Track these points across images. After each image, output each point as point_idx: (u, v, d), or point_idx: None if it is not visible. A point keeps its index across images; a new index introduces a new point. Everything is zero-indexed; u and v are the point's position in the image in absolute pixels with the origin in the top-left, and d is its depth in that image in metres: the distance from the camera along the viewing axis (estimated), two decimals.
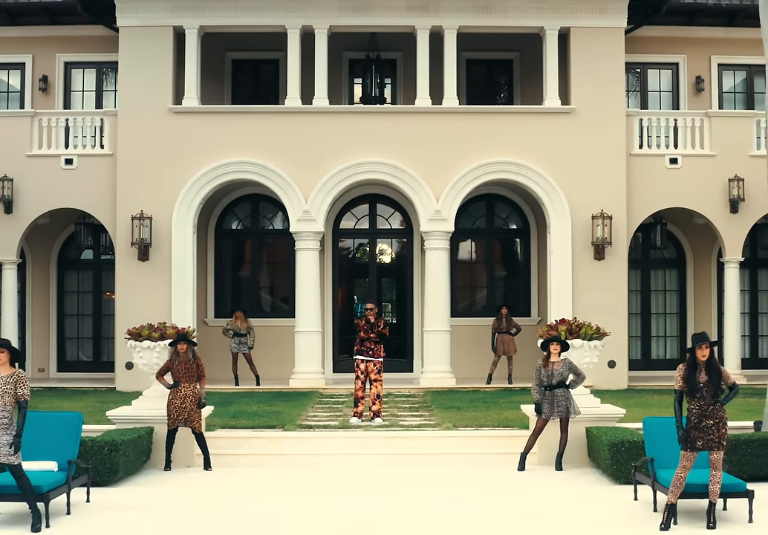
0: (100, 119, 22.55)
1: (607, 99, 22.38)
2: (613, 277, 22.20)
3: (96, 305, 24.88)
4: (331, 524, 10.37)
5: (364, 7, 22.27)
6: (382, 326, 16.27)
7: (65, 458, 11.08)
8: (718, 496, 10.11)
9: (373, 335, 16.15)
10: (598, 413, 14.26)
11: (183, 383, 13.85)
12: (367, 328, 16.23)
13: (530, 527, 10.22)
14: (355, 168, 22.10)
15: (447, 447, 14.64)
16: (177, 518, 10.73)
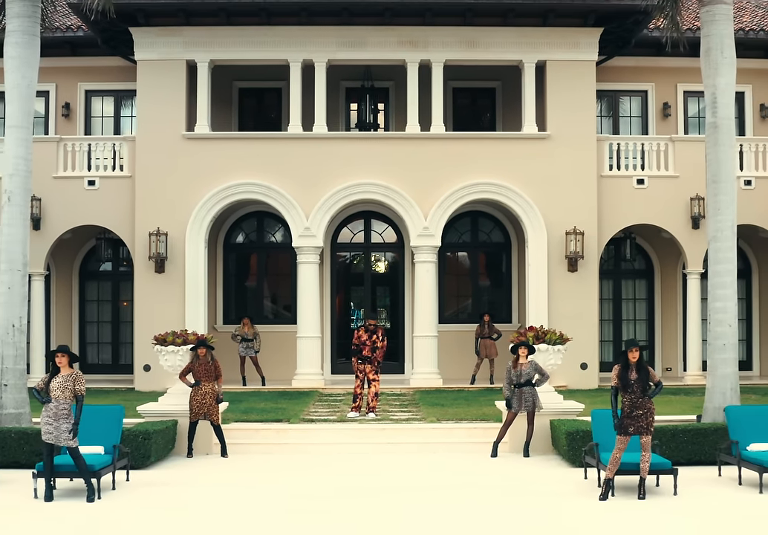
0: (119, 144, 24.81)
1: (580, 125, 24.68)
2: (585, 287, 24.49)
3: (114, 312, 27.13)
4: (323, 494, 12.64)
5: (359, 43, 24.57)
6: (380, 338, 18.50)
7: (110, 443, 13.38)
8: (647, 473, 12.41)
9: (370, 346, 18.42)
10: (561, 407, 16.56)
11: (203, 381, 16.13)
12: (366, 337, 18.49)
13: (495, 497, 12.51)
14: (352, 189, 24.39)
15: (431, 437, 16.93)
16: (201, 491, 13.03)
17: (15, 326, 15.87)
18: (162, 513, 11.64)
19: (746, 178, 24.96)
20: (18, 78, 16.09)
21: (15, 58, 16.10)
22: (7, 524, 11.07)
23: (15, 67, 16.10)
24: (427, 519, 11.17)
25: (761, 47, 27.16)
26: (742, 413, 14.11)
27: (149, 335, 23.03)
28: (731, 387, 15.93)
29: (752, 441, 13.37)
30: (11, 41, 16.14)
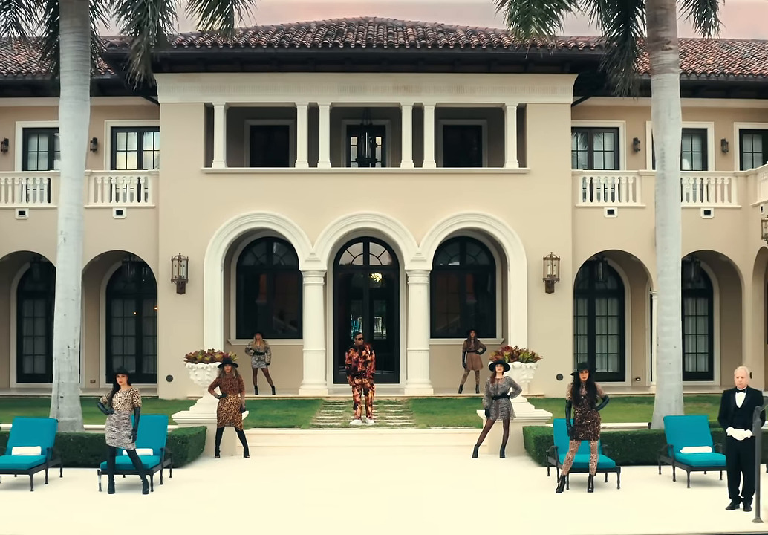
0: (144, 178, 27.72)
1: (557, 161, 27.62)
2: (560, 306, 27.45)
3: (138, 327, 30.04)
4: (332, 488, 15.56)
5: (359, 88, 27.53)
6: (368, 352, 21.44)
7: (158, 446, 16.29)
8: (595, 471, 15.34)
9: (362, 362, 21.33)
10: (532, 416, 19.49)
11: (229, 394, 19.04)
12: (356, 355, 21.42)
13: (472, 489, 15.44)
14: (352, 218, 27.34)
15: (422, 441, 19.85)
16: (231, 486, 15.94)
17: (69, 347, 18.75)
18: (203, 503, 14.54)
19: (706, 208, 27.88)
20: (72, 137, 18.97)
21: (69, 119, 18.98)
22: (82, 511, 13.97)
23: (69, 127, 18.98)
24: (413, 505, 14.10)
25: (722, 88, 30.02)
26: (678, 422, 17.03)
27: (172, 349, 26.26)
28: (675, 399, 18.82)
29: (685, 445, 16.27)
30: (66, 105, 19.02)
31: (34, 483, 15.56)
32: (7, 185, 27.80)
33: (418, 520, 13.28)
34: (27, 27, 21.27)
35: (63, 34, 18.93)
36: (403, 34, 28.41)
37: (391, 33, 28.47)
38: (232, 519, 13.42)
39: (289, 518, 13.49)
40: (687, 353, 30.55)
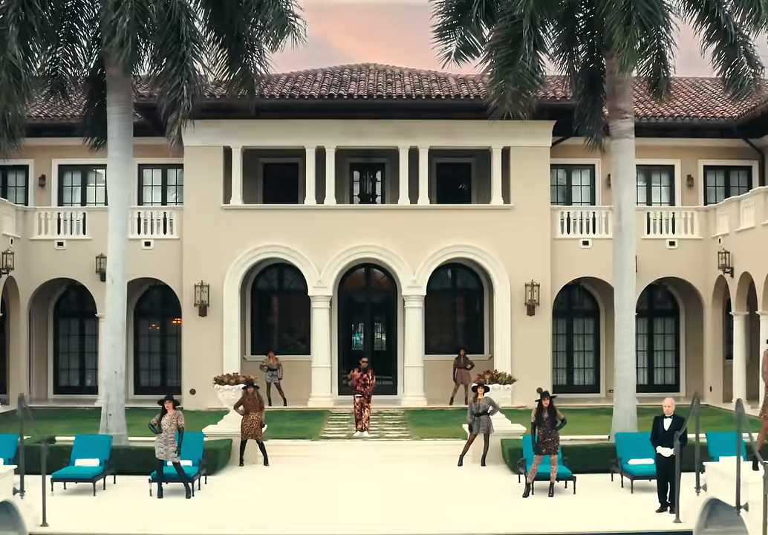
0: (170, 213, 31.15)
1: (537, 198, 31.03)
2: (540, 327, 30.87)
3: (163, 344, 33.47)
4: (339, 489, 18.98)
5: (361, 133, 30.92)
6: (370, 376, 24.83)
7: (197, 458, 19.69)
8: (555, 479, 18.75)
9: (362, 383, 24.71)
10: (508, 430, 22.87)
11: (251, 411, 22.45)
12: (359, 375, 24.81)
13: (453, 492, 18.86)
14: (355, 249, 30.77)
15: (415, 451, 23.26)
16: (257, 488, 19.38)
17: (116, 372, 22.17)
18: (236, 503, 17.99)
19: (671, 239, 31.30)
20: (117, 193, 22.36)
21: (114, 178, 22.35)
22: (140, 511, 17.40)
23: (115, 185, 22.35)
24: (403, 502, 17.54)
25: (688, 128, 33.43)
26: (627, 438, 20.40)
27: (195, 365, 29.74)
28: (630, 417, 22.21)
29: (632, 457, 19.63)
30: (112, 166, 22.39)
31: (95, 489, 18.96)
32: (47, 219, 31.19)
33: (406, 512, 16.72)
34: (70, 91, 24.46)
35: (110, 106, 22.28)
36: (400, 83, 31.82)
37: (390, 82, 31.88)
38: (263, 514, 16.87)
39: (306, 510, 16.96)
40: (655, 368, 34.13)
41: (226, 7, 22.43)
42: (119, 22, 19.86)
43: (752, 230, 27.85)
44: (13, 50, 20.38)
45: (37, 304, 32.42)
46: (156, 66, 21.60)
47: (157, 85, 22.60)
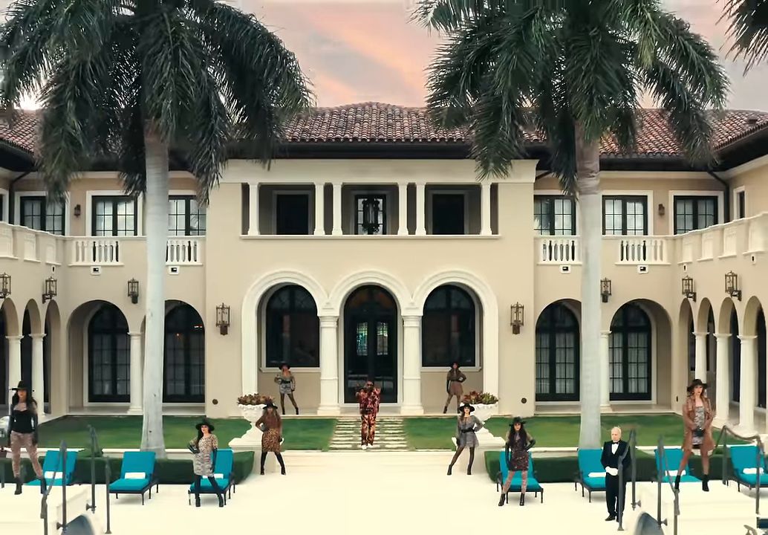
0: (194, 242, 34.90)
1: (522, 229, 34.74)
2: (524, 344, 34.66)
3: (186, 357, 37.28)
4: (347, 498, 22.80)
5: (365, 171, 34.65)
6: (375, 394, 28.58)
7: (227, 471, 23.51)
8: (525, 490, 22.54)
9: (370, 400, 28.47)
10: (491, 444, 26.62)
11: (270, 427, 26.24)
12: (366, 395, 28.55)
13: (439, 497, 22.66)
14: (359, 275, 34.54)
15: (411, 461, 27.06)
16: (278, 495, 23.18)
17: (155, 395, 25.95)
18: (262, 511, 21.82)
19: (642, 265, 35.03)
20: (155, 241, 26.07)
21: (153, 230, 26.04)
22: (182, 519, 21.22)
23: (153, 234, 26.04)
24: (397, 505, 21.35)
25: (659, 163, 37.05)
26: (587, 453, 24.10)
27: (217, 378, 33.57)
28: (594, 433, 25.90)
29: (591, 471, 23.39)
30: (151, 218, 26.09)
31: (143, 499, 22.81)
32: (83, 247, 34.98)
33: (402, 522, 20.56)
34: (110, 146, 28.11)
35: (148, 167, 25.95)
36: (400, 124, 35.54)
37: (390, 123, 35.59)
38: (287, 516, 20.75)
39: (321, 519, 20.79)
40: (629, 378, 37.93)
41: (248, 81, 26.08)
42: (163, 105, 23.46)
43: (711, 261, 31.54)
44: (71, 123, 24.05)
45: (74, 322, 36.18)
46: (188, 136, 25.11)
47: (187, 149, 26.17)
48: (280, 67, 25.34)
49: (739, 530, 15.71)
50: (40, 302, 32.64)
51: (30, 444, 18.88)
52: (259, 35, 25.52)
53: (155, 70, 23.83)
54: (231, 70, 26.33)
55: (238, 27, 25.59)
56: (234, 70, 26.27)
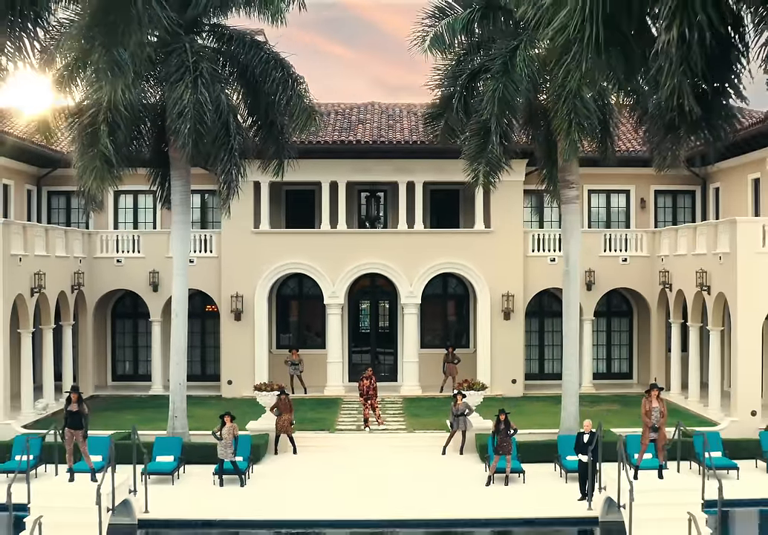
0: (210, 235, 37.82)
1: (513, 223, 37.62)
2: (514, 330, 37.67)
3: (202, 340, 40.31)
4: (352, 476, 25.90)
5: (367, 170, 37.49)
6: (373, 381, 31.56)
7: (246, 455, 26.61)
8: (510, 471, 25.64)
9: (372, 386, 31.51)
10: (481, 426, 29.67)
11: (283, 412, 29.30)
12: (367, 383, 31.56)
13: (432, 474, 25.77)
14: (362, 266, 37.47)
15: (410, 441, 30.16)
16: (291, 474, 26.29)
17: (180, 384, 28.98)
18: (279, 485, 24.94)
19: (624, 256, 37.96)
20: (179, 247, 28.98)
21: (177, 237, 28.94)
22: (209, 497, 24.35)
23: (177, 242, 28.97)
24: (399, 487, 24.46)
25: (641, 160, 39.65)
26: (565, 438, 27.15)
27: (231, 360, 36.55)
28: (574, 418, 28.95)
29: (569, 454, 26.45)
30: (175, 227, 28.95)
31: (173, 479, 25.93)
32: (107, 240, 37.90)
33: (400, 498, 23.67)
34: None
35: (173, 179, 28.82)
36: (400, 125, 38.31)
37: (390, 125, 38.37)
38: (300, 493, 23.83)
39: (330, 487, 23.90)
40: (612, 359, 41.00)
41: (262, 101, 28.86)
42: (182, 129, 26.30)
43: (685, 256, 34.44)
44: (104, 144, 26.88)
45: (98, 307, 39.15)
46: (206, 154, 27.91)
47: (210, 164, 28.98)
48: (291, 89, 28.13)
49: (685, 513, 18.84)
50: (70, 292, 35.58)
51: (81, 439, 21.94)
52: (272, 61, 28.25)
53: (176, 96, 26.61)
54: (246, 91, 29.10)
55: (252, 53, 28.31)
56: (249, 91, 29.04)
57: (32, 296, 31.97)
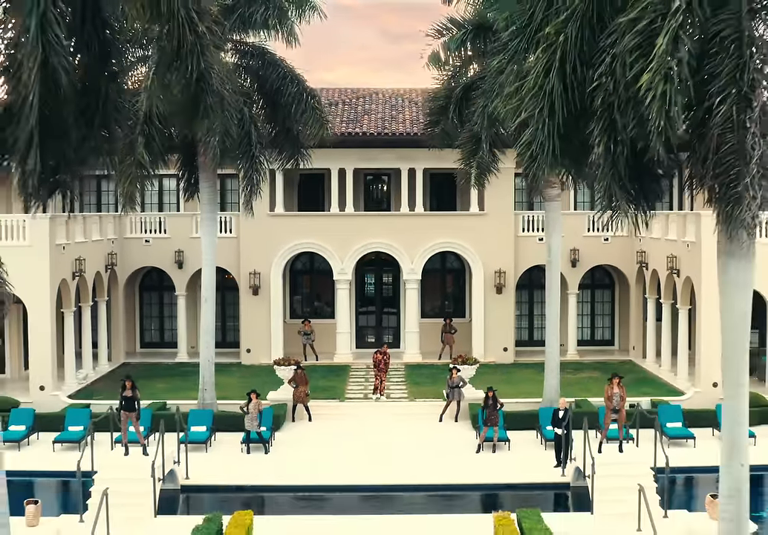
0: (229, 217, 41.63)
1: (504, 206, 41.40)
2: (505, 302, 41.64)
3: (222, 311, 44.25)
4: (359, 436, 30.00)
5: (373, 158, 41.20)
6: (387, 356, 35.52)
7: (269, 425, 30.70)
8: (497, 440, 29.74)
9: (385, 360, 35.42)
10: (475, 396, 33.62)
11: (300, 385, 33.34)
12: (381, 357, 35.50)
13: (427, 439, 29.86)
14: (368, 245, 41.34)
15: (411, 409, 34.22)
16: (308, 441, 30.40)
17: (209, 360, 32.96)
18: (298, 451, 29.05)
19: (605, 236, 41.76)
20: (207, 240, 32.78)
21: (206, 232, 32.74)
22: (239, 464, 28.47)
23: (206, 236, 32.77)
24: (400, 452, 28.56)
25: None
26: (545, 411, 31.10)
27: (250, 331, 40.55)
28: (556, 389, 32.91)
29: (548, 425, 30.44)
30: (204, 224, 32.72)
31: (206, 447, 30.05)
32: (136, 222, 41.75)
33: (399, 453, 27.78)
34: None
35: (201, 181, 32.55)
36: (402, 116, 41.88)
37: (393, 116, 41.92)
38: (317, 457, 27.90)
39: (342, 451, 28.00)
40: (596, 327, 45.03)
41: (279, 112, 32.51)
42: (210, 142, 29.95)
43: (659, 240, 38.24)
44: (141, 153, 30.48)
45: (127, 283, 43.13)
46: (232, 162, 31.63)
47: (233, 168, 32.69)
48: (305, 103, 31.77)
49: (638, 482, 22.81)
50: (104, 272, 39.51)
51: (134, 419, 25.99)
52: (289, 76, 31.86)
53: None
54: (265, 102, 32.73)
55: (271, 69, 31.91)
56: (267, 102, 32.67)
57: (74, 279, 35.89)
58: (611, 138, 14.87)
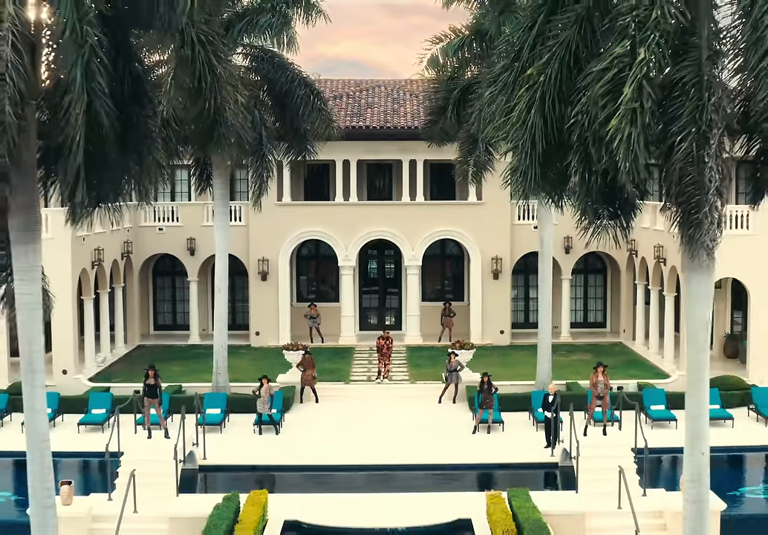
0: (239, 206, 43.68)
1: (501, 196, 42.98)
2: (502, 288, 43.75)
3: (232, 296, 46.29)
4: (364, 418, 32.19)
5: (376, 150, 43.19)
6: (390, 341, 37.66)
7: (279, 407, 32.88)
8: (491, 422, 31.92)
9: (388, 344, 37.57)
10: (471, 379, 35.76)
11: (307, 368, 35.50)
12: (384, 342, 37.62)
13: (429, 421, 32.03)
14: (371, 233, 43.40)
15: (412, 391, 36.38)
16: (316, 422, 32.56)
17: (222, 346, 35.11)
18: (307, 431, 31.23)
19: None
20: (220, 234, 34.81)
21: (219, 227, 34.79)
22: (251, 444, 30.68)
23: (219, 230, 34.82)
24: (401, 433, 30.74)
25: None
26: (537, 393, 33.26)
27: (259, 314, 42.68)
28: (548, 373, 35.04)
29: (538, 407, 32.59)
30: (217, 218, 34.72)
31: (221, 429, 32.26)
32: (150, 211, 43.82)
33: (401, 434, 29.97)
34: None
35: (215, 178, 34.50)
36: (404, 110, 43.80)
37: (395, 109, 43.85)
38: (323, 438, 30.03)
39: (348, 432, 30.17)
40: (589, 310, 47.14)
41: (288, 112, 34.43)
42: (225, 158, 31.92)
43: (647, 230, 40.26)
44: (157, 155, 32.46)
45: (141, 267, 45.25)
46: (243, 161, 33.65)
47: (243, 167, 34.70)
48: (312, 105, 33.70)
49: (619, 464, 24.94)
50: (120, 259, 41.63)
51: (157, 406, 28.20)
52: (297, 79, 33.76)
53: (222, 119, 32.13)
54: (274, 103, 34.63)
55: (280, 73, 33.79)
56: (276, 103, 34.57)
57: (93, 268, 38.00)
58: (586, 168, 16.89)
